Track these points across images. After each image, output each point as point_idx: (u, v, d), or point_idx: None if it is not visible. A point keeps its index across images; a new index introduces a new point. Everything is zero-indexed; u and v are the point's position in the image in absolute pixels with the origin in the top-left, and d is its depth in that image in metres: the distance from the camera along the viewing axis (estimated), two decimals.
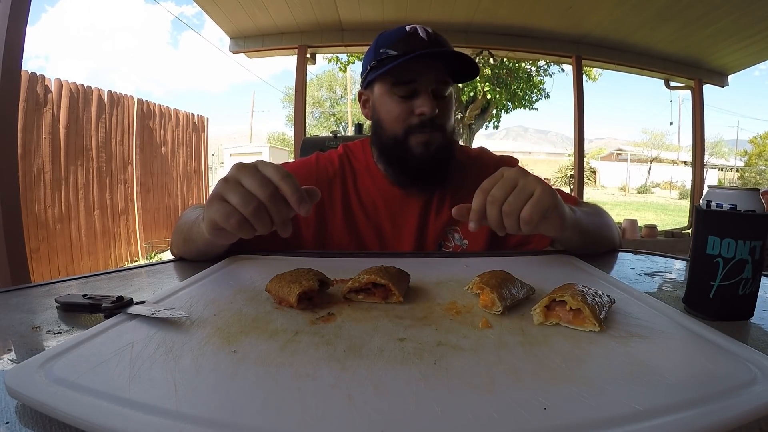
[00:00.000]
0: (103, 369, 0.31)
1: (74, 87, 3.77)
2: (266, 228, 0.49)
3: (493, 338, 0.38)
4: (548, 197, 0.53)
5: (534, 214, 0.51)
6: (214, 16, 3.88)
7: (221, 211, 0.48)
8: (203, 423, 0.25)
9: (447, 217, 0.86)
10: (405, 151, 0.81)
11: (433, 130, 0.80)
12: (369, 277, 0.47)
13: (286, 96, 18.73)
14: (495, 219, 0.53)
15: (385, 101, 0.83)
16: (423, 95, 0.79)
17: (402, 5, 3.72)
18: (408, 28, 0.81)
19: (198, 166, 5.95)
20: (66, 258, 3.68)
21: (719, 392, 0.29)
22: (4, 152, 1.84)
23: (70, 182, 3.74)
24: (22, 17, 1.84)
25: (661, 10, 3.54)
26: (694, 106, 4.97)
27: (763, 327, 0.44)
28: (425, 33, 0.80)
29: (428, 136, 0.80)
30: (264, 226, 0.49)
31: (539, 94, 8.15)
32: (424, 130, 0.80)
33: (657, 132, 20.88)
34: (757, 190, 0.45)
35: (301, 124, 4.20)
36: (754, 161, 19.54)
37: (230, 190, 0.48)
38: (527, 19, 3.94)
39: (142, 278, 0.60)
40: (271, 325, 0.40)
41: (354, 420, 0.26)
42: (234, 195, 0.48)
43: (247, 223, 0.48)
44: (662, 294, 0.55)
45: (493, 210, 0.52)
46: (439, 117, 0.80)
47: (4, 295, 0.52)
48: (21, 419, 0.27)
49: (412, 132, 0.81)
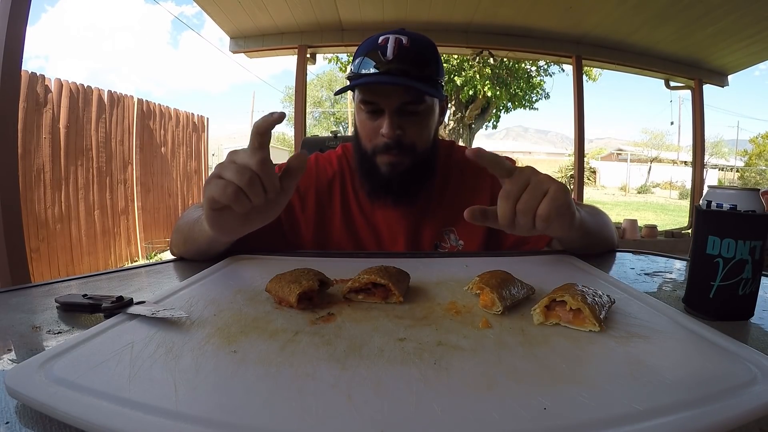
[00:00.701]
0: (103, 369, 0.31)
1: (74, 87, 3.77)
2: (260, 198, 0.51)
3: (493, 338, 0.38)
4: (563, 194, 0.52)
5: (551, 210, 0.51)
6: (214, 16, 3.88)
7: (218, 185, 0.50)
8: (203, 423, 0.25)
9: (442, 218, 0.86)
10: (373, 167, 0.80)
11: (400, 152, 0.78)
12: (369, 277, 0.47)
13: (286, 96, 18.74)
14: (508, 216, 0.52)
15: (359, 113, 0.81)
16: (386, 116, 0.76)
17: (402, 5, 3.72)
18: (380, 40, 0.77)
19: (198, 166, 5.94)
20: (66, 258, 3.68)
21: (719, 392, 0.29)
22: (4, 152, 1.84)
23: (70, 182, 3.74)
24: (22, 17, 1.84)
25: (661, 10, 3.54)
26: (694, 106, 4.97)
27: (763, 327, 0.44)
28: (393, 49, 0.74)
29: (393, 158, 0.78)
30: (258, 196, 0.50)
31: (539, 94, 8.15)
32: (390, 152, 0.78)
33: (657, 132, 20.90)
34: (757, 190, 0.45)
35: (301, 124, 4.20)
36: (754, 161, 19.54)
37: (225, 168, 0.51)
38: (527, 19, 3.94)
39: (142, 278, 0.60)
40: (271, 325, 0.40)
41: (354, 420, 0.26)
42: (228, 170, 0.50)
43: (243, 194, 0.50)
44: (662, 294, 0.55)
45: (508, 206, 0.52)
46: (406, 137, 0.77)
47: (4, 295, 0.52)
48: (21, 419, 0.27)
49: (378, 152, 0.79)
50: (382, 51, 0.75)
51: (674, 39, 4.11)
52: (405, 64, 0.74)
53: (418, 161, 0.80)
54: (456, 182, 0.88)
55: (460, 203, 0.86)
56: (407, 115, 0.78)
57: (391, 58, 0.74)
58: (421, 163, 0.81)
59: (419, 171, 0.81)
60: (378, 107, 0.77)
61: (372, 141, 0.79)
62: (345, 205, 0.87)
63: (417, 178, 0.81)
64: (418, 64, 0.76)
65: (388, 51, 0.75)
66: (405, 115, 0.77)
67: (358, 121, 0.82)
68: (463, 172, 0.89)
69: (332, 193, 0.87)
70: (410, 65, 0.75)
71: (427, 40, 0.81)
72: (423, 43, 0.79)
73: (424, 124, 0.80)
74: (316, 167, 0.89)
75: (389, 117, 0.76)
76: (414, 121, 0.78)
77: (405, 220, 0.86)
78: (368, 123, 0.79)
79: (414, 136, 0.79)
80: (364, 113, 0.79)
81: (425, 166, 0.82)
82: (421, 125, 0.80)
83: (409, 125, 0.78)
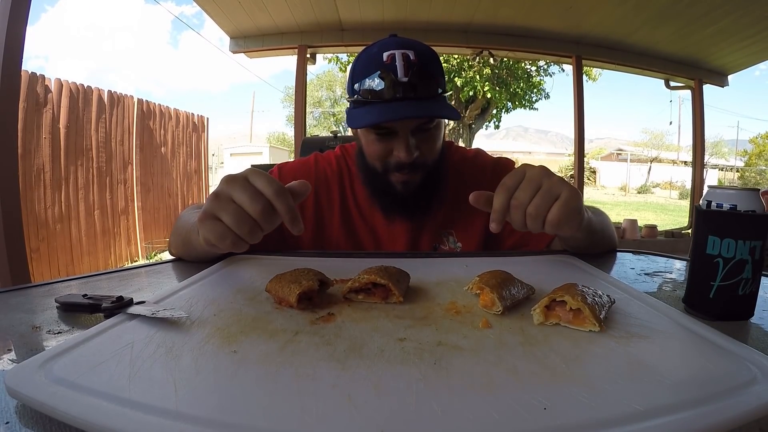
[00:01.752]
0: (103, 369, 0.31)
1: (74, 87, 3.77)
2: (258, 239, 0.50)
3: (493, 338, 0.38)
4: (575, 200, 0.52)
5: (562, 216, 0.51)
6: (214, 15, 3.88)
7: (215, 231, 0.48)
8: (203, 423, 0.25)
9: (441, 220, 0.86)
10: (386, 185, 0.79)
11: (414, 170, 0.77)
12: (369, 277, 0.47)
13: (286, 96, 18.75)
14: (519, 221, 0.53)
15: (365, 135, 0.78)
16: (401, 139, 0.74)
17: (402, 5, 3.72)
18: (385, 57, 0.72)
19: (198, 166, 5.94)
20: (66, 258, 3.68)
21: (719, 392, 0.29)
22: (4, 152, 1.84)
23: (70, 182, 3.74)
24: (22, 17, 1.84)
25: (662, 10, 3.54)
26: (694, 106, 4.97)
27: (763, 327, 0.44)
28: (404, 69, 0.71)
29: (408, 177, 0.77)
30: (257, 240, 0.49)
31: (539, 94, 8.16)
32: (404, 172, 0.77)
33: (657, 132, 20.88)
34: (757, 190, 0.45)
35: (301, 124, 4.20)
36: (754, 161, 19.53)
37: (222, 209, 0.48)
38: (527, 19, 3.94)
39: (142, 278, 0.60)
40: (271, 325, 0.40)
41: (354, 420, 0.26)
42: (227, 214, 0.48)
43: (242, 241, 0.49)
44: (662, 294, 0.55)
45: (518, 213, 0.52)
46: (420, 156, 0.76)
47: (4, 295, 0.52)
48: (21, 419, 0.27)
49: (390, 170, 0.78)
50: (392, 70, 0.72)
51: (674, 39, 4.11)
52: (417, 84, 0.72)
53: (430, 175, 0.80)
54: (454, 184, 0.88)
55: (458, 205, 0.86)
56: (420, 133, 0.76)
57: (405, 80, 0.71)
58: (432, 176, 0.81)
59: (432, 183, 0.81)
60: (391, 130, 0.75)
61: (383, 161, 0.78)
62: (344, 207, 0.87)
63: (430, 191, 0.81)
64: (428, 81, 0.74)
65: (398, 71, 0.72)
66: (418, 133, 0.76)
67: (364, 142, 0.79)
68: (462, 173, 0.89)
69: (331, 194, 0.87)
70: (421, 83, 0.73)
71: (429, 50, 0.78)
72: (428, 55, 0.76)
73: (435, 138, 0.79)
74: (315, 168, 0.89)
75: (405, 140, 0.74)
76: (426, 138, 0.77)
77: (405, 221, 0.85)
78: (377, 145, 0.77)
79: (427, 154, 0.78)
80: (373, 136, 0.76)
81: (437, 177, 0.82)
82: (433, 141, 0.79)
83: (422, 143, 0.77)
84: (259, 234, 0.49)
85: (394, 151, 0.76)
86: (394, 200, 0.80)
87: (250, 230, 0.48)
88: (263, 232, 0.50)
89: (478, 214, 0.85)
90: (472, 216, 0.85)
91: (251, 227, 0.48)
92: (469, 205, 0.55)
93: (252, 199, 0.48)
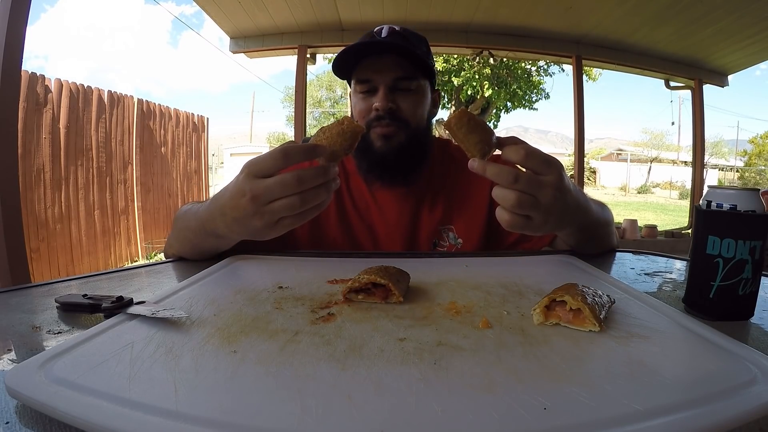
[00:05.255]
0: (103, 369, 0.31)
1: (74, 87, 3.76)
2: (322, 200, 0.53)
3: (493, 338, 0.38)
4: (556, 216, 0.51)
5: None
6: (213, 16, 3.88)
7: (267, 219, 0.51)
8: (203, 423, 0.25)
9: (440, 216, 0.86)
10: (367, 144, 0.82)
11: (392, 122, 0.80)
12: (369, 277, 0.47)
13: (286, 96, 18.72)
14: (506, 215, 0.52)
15: (354, 98, 0.86)
16: (379, 91, 0.81)
17: (402, 5, 3.72)
18: (376, 29, 0.83)
19: (198, 166, 5.94)
20: (66, 258, 3.68)
21: (719, 392, 0.29)
22: (4, 152, 1.84)
23: (70, 182, 3.74)
24: (22, 17, 1.84)
25: (661, 10, 3.54)
26: (694, 106, 4.97)
27: (763, 327, 0.44)
28: (389, 32, 0.82)
29: (386, 129, 0.80)
30: (317, 207, 0.53)
31: (539, 94, 8.15)
32: (382, 123, 0.80)
33: (657, 132, 20.90)
34: (757, 190, 0.45)
35: (301, 124, 4.20)
36: (754, 161, 19.53)
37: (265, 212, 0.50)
38: (527, 19, 3.94)
39: (142, 278, 0.60)
40: (271, 325, 0.40)
41: (354, 420, 0.26)
42: (277, 205, 0.50)
43: (300, 216, 0.52)
44: (662, 294, 0.55)
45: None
46: (400, 110, 0.81)
47: (4, 295, 0.52)
48: (21, 419, 0.27)
49: (371, 126, 0.81)
50: (377, 33, 0.83)
51: (674, 39, 4.11)
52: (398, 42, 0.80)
53: (412, 138, 0.82)
54: (453, 178, 0.88)
55: (458, 200, 0.86)
56: (400, 92, 0.82)
57: (385, 36, 0.81)
58: (414, 141, 0.83)
59: (413, 147, 0.83)
60: (372, 86, 0.81)
61: (366, 117, 0.82)
62: (340, 205, 0.87)
63: (411, 154, 0.83)
64: (410, 43, 0.82)
65: (382, 33, 0.82)
66: (398, 92, 0.81)
67: (354, 105, 0.86)
68: (461, 168, 0.89)
69: None
70: (403, 42, 0.81)
71: (419, 34, 0.87)
72: (416, 35, 0.86)
73: (417, 102, 0.83)
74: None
75: (383, 90, 0.80)
76: (407, 97, 0.82)
77: (402, 217, 0.86)
78: (361, 103, 0.83)
79: (407, 111, 0.82)
80: (359, 95, 0.83)
81: (419, 145, 0.84)
82: (414, 102, 0.83)
83: (402, 100, 0.82)
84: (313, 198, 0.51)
85: (373, 104, 0.81)
86: (374, 158, 0.82)
87: (302, 199, 0.50)
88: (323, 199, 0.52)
89: (478, 209, 0.85)
90: (472, 212, 0.85)
91: (303, 198, 0.50)
92: (469, 201, 0.55)
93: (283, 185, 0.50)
